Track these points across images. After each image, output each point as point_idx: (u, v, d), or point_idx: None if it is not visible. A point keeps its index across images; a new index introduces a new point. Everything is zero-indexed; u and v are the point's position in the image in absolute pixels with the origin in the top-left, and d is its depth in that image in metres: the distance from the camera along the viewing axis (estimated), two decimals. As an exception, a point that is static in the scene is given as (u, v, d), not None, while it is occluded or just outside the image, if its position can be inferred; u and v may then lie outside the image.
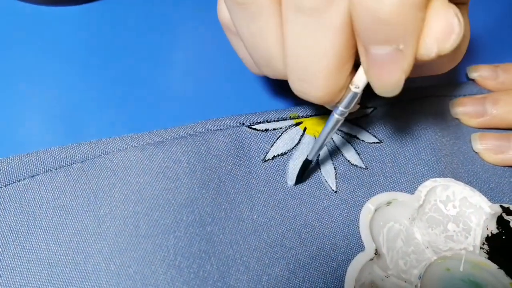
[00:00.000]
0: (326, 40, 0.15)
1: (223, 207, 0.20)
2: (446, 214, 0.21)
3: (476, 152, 0.24)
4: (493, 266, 0.19)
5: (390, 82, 0.15)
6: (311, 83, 0.16)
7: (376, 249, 0.19)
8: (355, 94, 0.16)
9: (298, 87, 0.17)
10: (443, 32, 0.14)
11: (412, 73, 0.15)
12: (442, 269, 0.19)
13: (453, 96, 0.26)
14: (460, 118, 0.25)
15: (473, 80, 0.27)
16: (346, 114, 0.18)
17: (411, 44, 0.14)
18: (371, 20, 0.13)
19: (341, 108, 0.17)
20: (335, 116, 0.18)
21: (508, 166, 0.23)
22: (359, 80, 0.16)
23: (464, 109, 0.25)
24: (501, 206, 0.21)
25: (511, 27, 0.32)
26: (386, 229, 0.20)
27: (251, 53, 0.18)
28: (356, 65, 0.16)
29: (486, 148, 0.24)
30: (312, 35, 0.15)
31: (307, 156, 0.20)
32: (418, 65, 0.15)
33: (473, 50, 0.30)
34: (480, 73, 0.26)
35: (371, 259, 0.19)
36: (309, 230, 0.20)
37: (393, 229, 0.20)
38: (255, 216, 0.20)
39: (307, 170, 0.21)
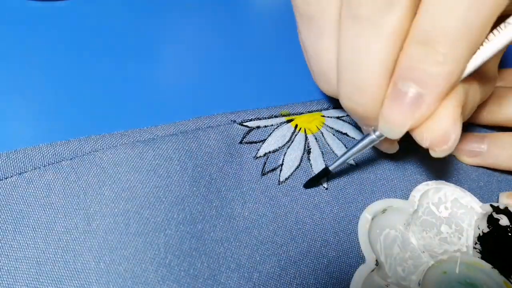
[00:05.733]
0: (378, 46, 0.14)
1: (214, 204, 0.20)
2: (438, 216, 0.21)
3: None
4: (487, 266, 0.19)
5: (395, 120, 0.16)
6: (360, 93, 0.16)
7: (376, 260, 0.19)
8: None
9: (348, 101, 0.17)
10: (440, 136, 0.15)
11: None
12: (438, 272, 0.19)
13: None
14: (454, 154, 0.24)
15: None
16: (382, 138, 0.18)
17: (433, 96, 0.15)
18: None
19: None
20: (372, 135, 0.18)
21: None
22: None
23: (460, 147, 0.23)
24: (491, 205, 0.21)
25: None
26: (382, 237, 0.20)
27: (312, 68, 0.19)
28: None
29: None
30: (365, 40, 0.15)
31: (328, 165, 0.20)
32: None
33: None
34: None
35: (372, 270, 0.18)
36: (300, 227, 0.20)
37: (389, 235, 0.20)
38: (246, 213, 0.20)
39: (323, 178, 0.21)
